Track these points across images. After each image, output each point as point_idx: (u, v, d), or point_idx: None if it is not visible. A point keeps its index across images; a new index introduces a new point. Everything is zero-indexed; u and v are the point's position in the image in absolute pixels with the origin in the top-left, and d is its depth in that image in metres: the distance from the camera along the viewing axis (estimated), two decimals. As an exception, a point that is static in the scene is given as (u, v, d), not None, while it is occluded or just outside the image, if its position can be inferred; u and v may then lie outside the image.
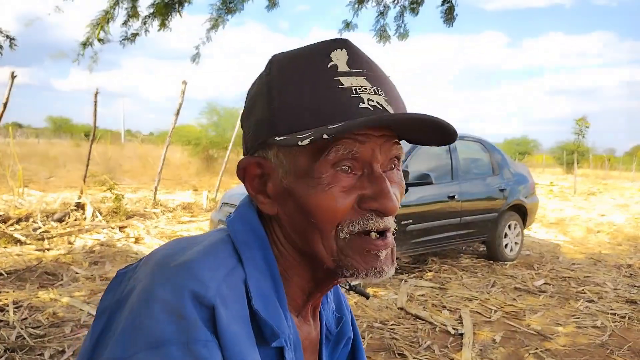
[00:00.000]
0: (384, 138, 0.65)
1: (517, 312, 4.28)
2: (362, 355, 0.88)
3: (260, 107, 0.67)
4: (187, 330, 0.53)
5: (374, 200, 0.64)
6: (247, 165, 0.69)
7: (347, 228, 0.64)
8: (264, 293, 0.63)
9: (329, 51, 0.65)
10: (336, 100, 0.62)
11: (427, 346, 3.47)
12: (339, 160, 0.63)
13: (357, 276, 0.65)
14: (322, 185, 0.63)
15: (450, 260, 6.22)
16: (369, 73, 0.66)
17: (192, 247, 0.62)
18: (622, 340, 3.69)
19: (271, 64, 0.69)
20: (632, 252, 7.20)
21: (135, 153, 20.41)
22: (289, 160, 0.65)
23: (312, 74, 0.64)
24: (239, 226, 0.68)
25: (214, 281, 0.58)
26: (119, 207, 7.61)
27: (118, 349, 0.53)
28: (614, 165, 44.99)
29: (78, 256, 5.28)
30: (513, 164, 6.88)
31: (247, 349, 0.58)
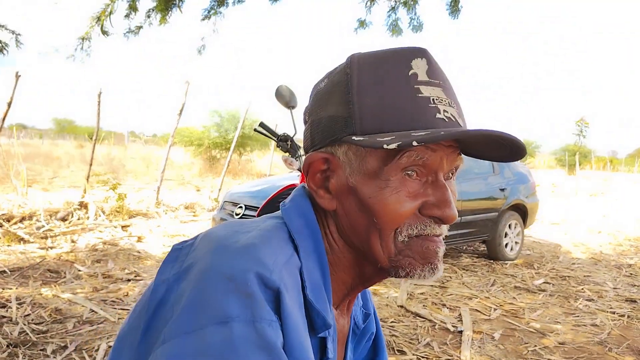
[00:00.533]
0: (451, 149, 0.68)
1: (516, 311, 4.30)
2: (383, 350, 0.90)
3: (336, 104, 0.68)
4: (254, 308, 0.54)
5: (437, 208, 0.67)
6: (315, 161, 0.70)
7: (406, 231, 0.67)
8: (315, 283, 0.65)
9: (410, 59, 0.67)
10: (416, 108, 0.64)
11: (427, 343, 3.49)
12: (409, 165, 0.65)
13: (411, 276, 0.68)
14: (390, 188, 0.65)
15: (451, 259, 6.24)
16: (444, 85, 0.68)
17: (250, 231, 0.64)
18: (621, 339, 3.70)
19: (351, 63, 0.69)
20: (632, 252, 7.21)
21: (138, 154, 20.49)
22: (358, 160, 0.67)
23: (394, 79, 0.66)
24: (294, 215, 0.70)
25: (276, 266, 0.59)
26: (121, 207, 7.65)
27: (184, 322, 0.54)
28: (617, 167, 44.88)
29: (81, 254, 5.32)
30: (514, 164, 6.89)
31: (305, 335, 0.59)
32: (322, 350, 0.66)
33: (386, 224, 0.66)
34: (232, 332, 0.52)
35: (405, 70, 0.66)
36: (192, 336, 0.52)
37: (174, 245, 0.67)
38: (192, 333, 0.53)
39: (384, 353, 0.90)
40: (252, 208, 4.47)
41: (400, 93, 0.65)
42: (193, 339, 0.52)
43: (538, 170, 33.37)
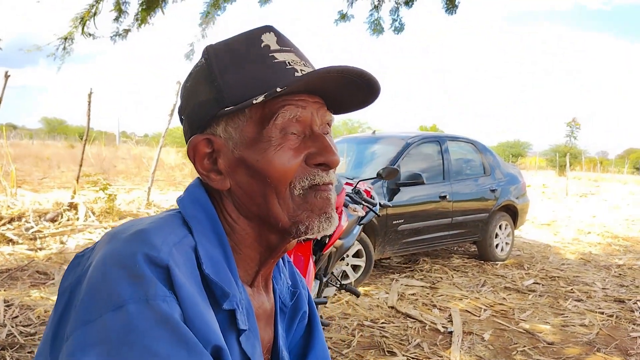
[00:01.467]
0: (317, 104, 0.73)
1: (506, 311, 4.32)
2: (319, 327, 0.92)
3: (203, 90, 0.72)
4: (145, 287, 0.56)
5: (320, 155, 0.71)
6: (197, 143, 0.73)
7: (299, 184, 0.70)
8: (214, 259, 0.67)
9: (260, 35, 0.73)
10: (275, 71, 0.70)
11: (417, 344, 3.50)
12: (285, 125, 0.70)
13: (310, 229, 0.71)
14: (273, 147, 0.69)
15: (442, 260, 6.26)
16: (295, 50, 0.74)
17: (143, 222, 0.66)
18: (609, 339, 3.73)
19: (207, 52, 0.74)
20: (621, 253, 7.27)
21: (129, 154, 20.38)
22: (238, 132, 0.71)
23: (249, 53, 0.71)
24: (187, 202, 0.73)
25: (165, 245, 0.61)
26: (112, 208, 7.60)
27: (82, 314, 0.55)
28: (606, 168, 45.27)
29: (70, 256, 5.28)
30: (504, 165, 6.93)
31: (204, 306, 0.61)
32: (235, 323, 0.68)
33: (278, 180, 0.70)
34: (129, 314, 0.54)
35: (257, 44, 0.72)
36: (92, 325, 0.54)
37: (77, 253, 0.68)
38: (91, 323, 0.54)
39: (319, 331, 0.92)
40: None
41: (258, 63, 0.70)
42: (93, 328, 0.54)
43: (528, 171, 33.57)
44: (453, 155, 6.14)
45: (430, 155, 5.95)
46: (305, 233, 0.71)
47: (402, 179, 5.19)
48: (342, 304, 4.28)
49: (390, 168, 3.83)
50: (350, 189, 3.56)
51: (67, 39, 4.39)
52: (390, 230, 5.21)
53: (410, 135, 5.95)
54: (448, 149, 6.06)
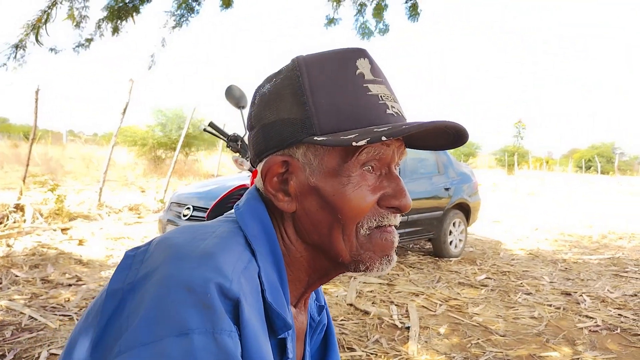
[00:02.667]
0: (399, 142, 0.72)
1: (460, 306, 4.45)
2: (334, 341, 0.92)
3: (289, 106, 0.69)
4: (213, 320, 0.54)
5: (394, 199, 0.70)
6: (274, 165, 0.70)
7: (367, 224, 0.69)
8: (273, 285, 0.66)
9: (355, 59, 0.70)
10: (369, 105, 0.67)
11: (375, 340, 3.56)
12: (367, 161, 0.68)
13: (370, 269, 0.71)
14: (352, 184, 0.68)
15: (398, 257, 6.37)
16: (386, 83, 0.72)
17: (206, 238, 0.63)
18: (557, 330, 3.90)
19: (299, 65, 0.70)
20: (567, 248, 7.60)
21: (78, 154, 19.68)
22: (317, 159, 0.69)
23: (344, 79, 0.68)
24: (249, 220, 0.70)
25: (235, 274, 0.59)
26: (61, 209, 7.34)
27: (142, 333, 0.53)
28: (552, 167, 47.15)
29: (18, 259, 5.06)
30: (457, 164, 7.12)
31: (264, 341, 0.60)
32: (282, 350, 0.67)
33: (350, 219, 0.68)
34: (191, 344, 0.52)
35: (352, 69, 0.69)
36: (150, 347, 0.51)
37: (127, 251, 0.66)
38: (150, 344, 0.52)
39: (334, 345, 0.92)
40: (200, 209, 4.40)
41: (352, 92, 0.67)
42: (151, 351, 0.51)
43: (479, 169, 34.58)
44: (408, 154, 6.23)
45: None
46: (364, 271, 0.71)
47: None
48: (301, 302, 4.29)
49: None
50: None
51: (18, 47, 4.14)
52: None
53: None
54: (403, 148, 6.16)
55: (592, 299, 4.76)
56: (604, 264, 6.45)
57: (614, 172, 32.36)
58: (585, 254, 7.14)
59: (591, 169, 42.85)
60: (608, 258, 6.79)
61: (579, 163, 46.21)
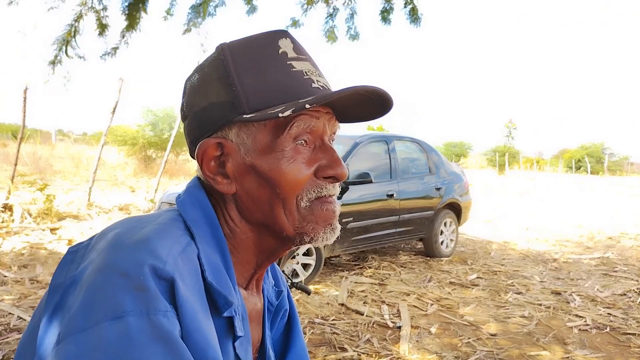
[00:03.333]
0: (329, 115, 0.73)
1: (451, 305, 4.46)
2: (298, 325, 0.93)
3: (217, 91, 0.71)
4: (147, 301, 0.55)
5: (330, 169, 0.72)
6: (208, 147, 0.72)
7: (306, 196, 0.71)
8: (215, 266, 0.67)
9: (277, 39, 0.72)
10: (294, 81, 0.69)
11: (367, 339, 3.56)
12: (299, 135, 0.70)
13: (315, 239, 0.72)
14: (286, 158, 0.69)
15: (390, 257, 6.39)
16: (310, 59, 0.74)
17: (146, 226, 0.64)
18: (547, 329, 3.92)
19: (222, 50, 0.72)
20: (557, 248, 7.65)
21: (67, 153, 19.53)
22: (251, 138, 0.70)
23: (268, 58, 0.70)
24: (189, 206, 0.71)
25: (171, 256, 0.60)
26: (50, 209, 7.28)
27: (79, 320, 0.54)
28: (542, 167, 47.48)
29: (6, 259, 5.01)
30: (448, 164, 7.14)
31: (203, 319, 0.60)
32: (232, 329, 0.68)
33: (288, 192, 0.70)
34: (127, 326, 0.53)
35: (275, 49, 0.71)
36: (87, 333, 0.52)
37: (69, 248, 0.67)
38: (87, 330, 0.53)
39: (298, 330, 0.93)
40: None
41: (277, 70, 0.70)
42: (88, 336, 0.52)
43: (470, 170, 34.75)
44: (400, 154, 6.26)
45: (378, 155, 6.04)
46: (309, 243, 0.73)
47: (350, 177, 5.25)
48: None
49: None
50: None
51: (54, 63, 4.28)
52: (340, 229, 5.25)
53: (359, 135, 6.02)
54: (395, 148, 6.18)
55: (582, 298, 4.79)
56: (593, 263, 6.51)
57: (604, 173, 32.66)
58: (575, 253, 7.19)
59: (581, 169, 43.20)
60: (598, 258, 6.85)
61: (569, 163, 46.59)
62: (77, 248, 0.65)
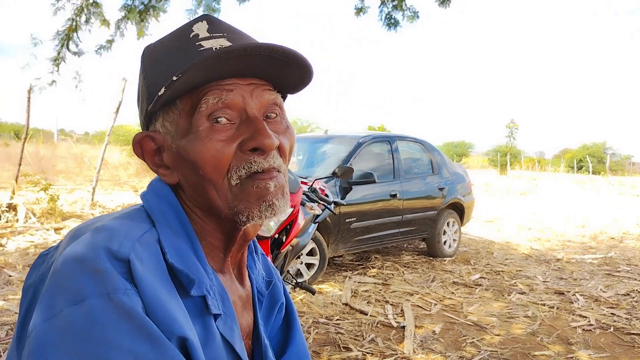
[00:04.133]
0: (252, 85, 0.70)
1: (455, 305, 4.47)
2: (296, 319, 0.93)
3: (140, 90, 0.74)
4: (106, 282, 0.55)
5: (251, 140, 0.68)
6: (140, 140, 0.73)
7: (236, 174, 0.68)
8: (179, 249, 0.67)
9: (191, 25, 0.72)
10: (192, 57, 0.67)
11: (371, 339, 3.57)
12: (212, 111, 0.67)
13: (252, 218, 0.69)
14: (201, 137, 0.67)
15: (393, 257, 6.40)
16: (229, 35, 0.71)
17: (106, 218, 0.66)
18: (551, 329, 3.93)
19: (143, 52, 0.75)
20: (560, 248, 7.65)
21: (69, 153, 19.57)
22: (174, 125, 0.70)
23: (176, 46, 0.70)
24: (150, 197, 0.72)
25: (127, 240, 0.61)
26: (54, 208, 7.30)
27: (44, 311, 0.54)
28: (544, 167, 47.42)
29: (11, 258, 5.03)
30: (451, 164, 7.15)
31: (166, 297, 0.60)
32: (207, 308, 0.67)
33: (211, 173, 0.68)
34: (89, 308, 0.53)
35: (187, 34, 0.70)
36: (52, 321, 0.53)
37: (42, 252, 0.68)
38: (51, 318, 0.53)
39: (296, 325, 0.92)
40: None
41: (183, 53, 0.69)
42: (53, 323, 0.53)
43: (472, 169, 34.73)
44: (403, 154, 6.27)
45: (380, 155, 6.06)
46: (248, 222, 0.69)
47: (354, 177, 5.26)
48: (297, 302, 4.30)
49: (346, 167, 3.88)
50: (307, 188, 3.58)
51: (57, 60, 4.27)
52: (343, 229, 5.27)
53: (362, 135, 6.04)
54: (398, 148, 6.19)
55: (586, 298, 4.80)
56: (596, 263, 6.51)
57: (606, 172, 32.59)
58: (578, 253, 7.19)
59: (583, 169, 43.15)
60: (601, 258, 6.85)
61: (571, 163, 46.51)
62: (48, 251, 0.67)
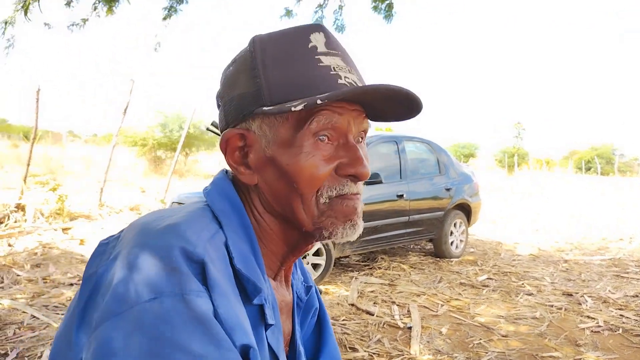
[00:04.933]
0: (356, 112, 0.72)
1: (462, 306, 4.45)
2: (329, 325, 0.93)
3: (244, 82, 0.71)
4: (181, 281, 0.56)
5: (351, 167, 0.71)
6: (231, 137, 0.73)
7: (326, 193, 0.70)
8: (244, 254, 0.67)
9: (309, 33, 0.72)
10: (319, 76, 0.69)
11: (378, 340, 3.56)
12: (319, 130, 0.69)
13: (334, 235, 0.72)
14: (304, 153, 0.69)
15: (399, 257, 6.38)
16: (343, 55, 0.73)
17: (174, 215, 0.65)
18: (559, 330, 3.90)
19: (254, 43, 0.73)
20: (568, 249, 7.60)
21: (78, 154, 19.70)
22: (272, 131, 0.70)
23: (295, 52, 0.70)
24: (216, 197, 0.72)
25: (200, 241, 0.61)
26: (62, 209, 7.34)
27: (114, 304, 0.54)
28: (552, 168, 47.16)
29: (19, 258, 5.07)
30: (458, 165, 7.12)
31: (235, 303, 0.61)
32: (263, 317, 0.68)
33: (305, 188, 0.69)
34: (162, 307, 0.53)
35: (305, 43, 0.70)
36: (123, 316, 0.53)
37: (101, 240, 0.67)
38: (123, 313, 0.53)
39: (329, 329, 0.92)
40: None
41: (303, 64, 0.69)
42: (125, 319, 0.53)
43: (479, 170, 34.60)
44: (409, 155, 6.25)
45: (387, 155, 6.04)
46: (329, 238, 0.72)
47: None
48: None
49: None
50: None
51: (7, 23, 4.07)
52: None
53: (368, 135, 6.03)
54: (405, 148, 6.18)
55: (594, 299, 4.76)
56: (605, 264, 6.46)
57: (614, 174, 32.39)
58: (586, 254, 7.14)
59: (591, 170, 42.91)
60: (609, 259, 6.80)
61: (579, 164, 46.23)
62: (108, 240, 0.66)
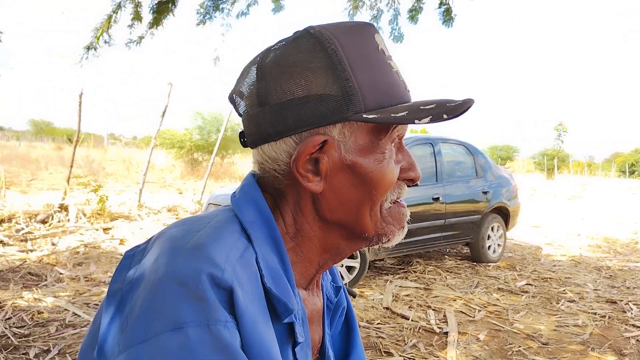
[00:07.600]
0: None
1: (500, 312, 4.35)
2: (355, 323, 0.91)
3: (324, 82, 0.64)
4: (207, 311, 0.54)
5: (411, 171, 0.72)
6: (311, 144, 0.66)
7: (390, 197, 0.70)
8: (273, 270, 0.64)
9: (372, 34, 0.69)
10: (394, 82, 0.68)
11: (413, 344, 3.51)
12: (397, 136, 0.70)
13: (390, 240, 0.72)
14: (387, 159, 0.68)
15: (435, 261, 6.29)
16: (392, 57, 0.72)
17: (202, 228, 0.62)
18: (603, 339, 3.77)
19: (327, 37, 0.66)
20: (611, 255, 7.35)
21: (118, 156, 20.25)
22: (353, 137, 0.66)
23: (370, 54, 0.67)
24: (244, 206, 0.68)
25: (229, 263, 0.58)
26: (103, 209, 7.55)
27: (138, 331, 0.53)
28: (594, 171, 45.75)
29: (62, 257, 5.23)
30: (496, 167, 6.97)
31: (264, 328, 0.59)
32: (292, 335, 0.66)
33: (382, 194, 0.69)
34: (187, 337, 0.52)
35: (374, 45, 0.68)
36: (147, 345, 0.52)
37: (127, 251, 0.65)
38: (146, 342, 0.52)
39: (356, 328, 0.90)
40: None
41: (380, 68, 0.67)
42: (149, 347, 0.51)
43: (517, 173, 33.85)
44: (445, 157, 6.16)
45: (423, 157, 5.97)
46: (385, 243, 0.73)
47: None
48: (338, 305, 4.28)
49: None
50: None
51: (89, 49, 4.60)
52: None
53: (404, 137, 5.97)
54: (440, 151, 6.09)
55: (639, 307, 4.58)
56: (651, 271, 6.21)
57: (660, 177, 31.16)
58: (630, 261, 6.89)
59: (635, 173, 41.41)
60: (656, 266, 6.53)
61: (622, 167, 44.71)
62: (133, 252, 0.64)
